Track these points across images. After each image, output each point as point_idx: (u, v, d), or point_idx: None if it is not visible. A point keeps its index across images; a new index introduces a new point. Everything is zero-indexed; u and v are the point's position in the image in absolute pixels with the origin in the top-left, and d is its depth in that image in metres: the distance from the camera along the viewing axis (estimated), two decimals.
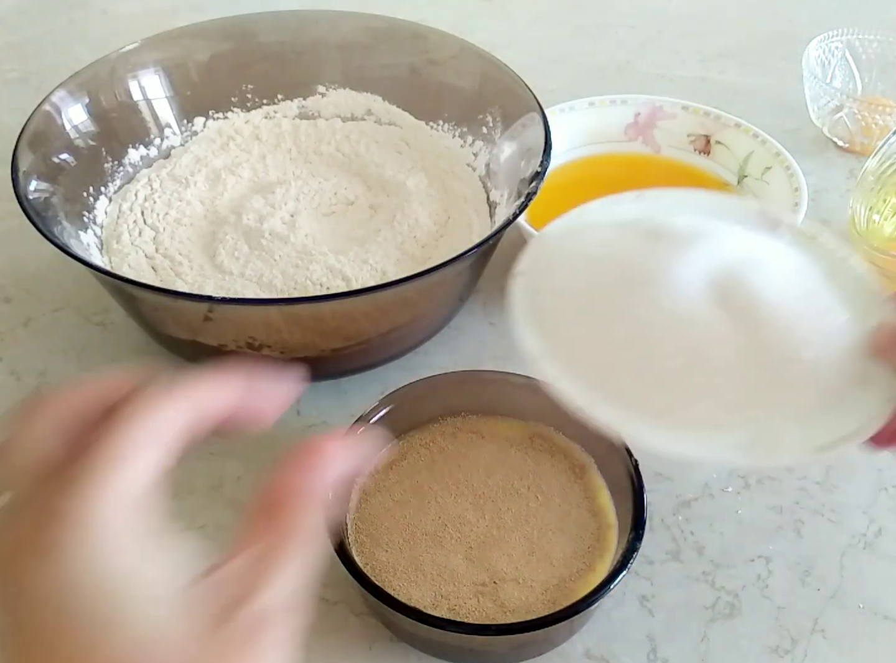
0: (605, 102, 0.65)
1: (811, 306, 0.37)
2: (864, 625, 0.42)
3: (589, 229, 0.40)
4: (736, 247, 0.38)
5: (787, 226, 0.41)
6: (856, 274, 0.39)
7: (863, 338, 0.36)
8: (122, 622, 0.23)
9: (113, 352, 0.54)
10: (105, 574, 0.23)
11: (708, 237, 0.37)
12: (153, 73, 0.60)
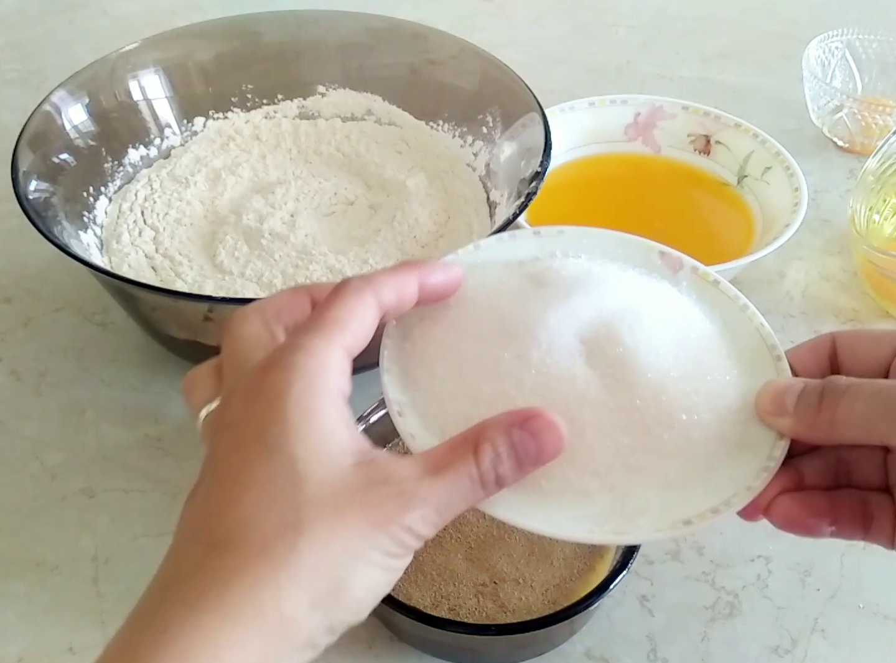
0: (605, 102, 0.65)
1: (695, 363, 0.35)
2: (864, 625, 0.42)
3: (477, 268, 0.37)
4: (622, 295, 0.36)
5: (687, 270, 0.39)
6: (753, 326, 0.38)
7: (749, 398, 0.34)
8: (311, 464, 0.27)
9: (113, 352, 0.54)
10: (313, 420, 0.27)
11: (594, 284, 0.36)
12: (153, 73, 0.60)
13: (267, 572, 0.25)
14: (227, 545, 0.26)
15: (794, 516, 0.33)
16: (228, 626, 0.25)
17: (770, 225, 0.58)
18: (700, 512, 0.32)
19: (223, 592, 0.25)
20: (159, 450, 0.49)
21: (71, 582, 0.43)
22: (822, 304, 0.58)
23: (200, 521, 0.27)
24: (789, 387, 0.33)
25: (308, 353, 0.28)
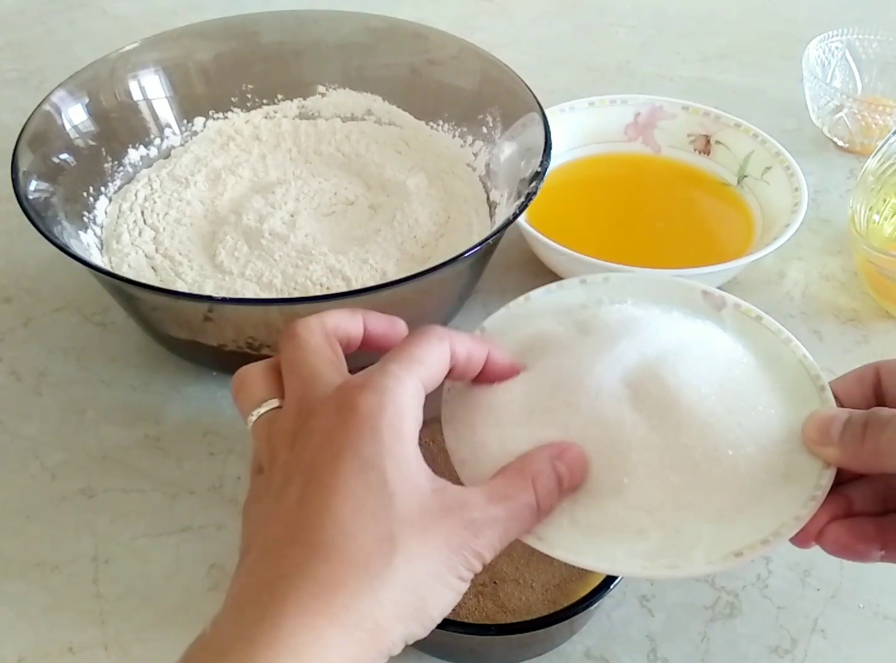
0: (605, 102, 0.65)
1: (739, 399, 0.36)
2: (864, 625, 0.42)
3: (529, 319, 0.40)
4: (665, 338, 0.37)
5: (730, 308, 0.41)
6: (796, 358, 0.39)
7: (795, 429, 0.35)
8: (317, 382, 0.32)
9: (113, 352, 0.54)
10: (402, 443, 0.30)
11: (638, 329, 0.37)
12: (153, 73, 0.60)
13: (366, 583, 0.28)
14: (329, 552, 0.28)
15: (845, 543, 0.34)
16: (336, 630, 0.27)
17: (770, 225, 0.58)
18: (750, 544, 0.33)
19: (331, 598, 0.27)
20: (159, 450, 0.49)
21: (71, 582, 0.43)
22: (822, 304, 0.58)
23: (300, 525, 0.29)
24: (834, 417, 0.34)
25: (399, 382, 0.31)
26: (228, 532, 0.45)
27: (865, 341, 0.56)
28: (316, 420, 0.31)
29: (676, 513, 0.33)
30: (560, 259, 0.55)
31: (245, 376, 0.35)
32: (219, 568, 0.44)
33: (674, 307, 0.40)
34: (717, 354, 0.38)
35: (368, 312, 0.37)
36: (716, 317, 0.41)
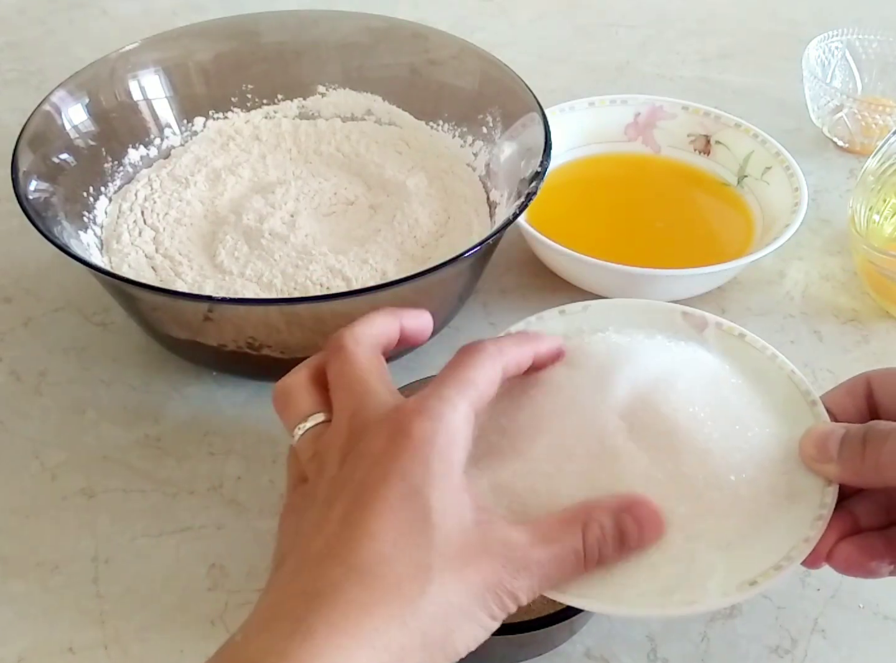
0: (605, 102, 0.65)
1: (734, 421, 0.35)
2: (864, 625, 0.42)
3: None
4: (653, 365, 0.37)
5: (712, 328, 0.41)
6: (784, 374, 0.38)
7: (792, 447, 0.35)
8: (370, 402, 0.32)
9: (113, 352, 0.54)
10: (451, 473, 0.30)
11: (624, 359, 0.37)
12: (153, 73, 0.60)
13: (397, 610, 0.28)
14: (365, 575, 0.28)
15: (856, 560, 0.33)
16: (363, 652, 0.27)
17: (770, 225, 0.58)
18: (764, 571, 0.32)
19: (361, 620, 0.27)
20: (159, 450, 0.49)
21: (71, 582, 0.43)
22: (822, 304, 0.58)
23: (340, 543, 0.29)
24: (831, 432, 0.34)
25: (454, 408, 0.31)
26: (228, 532, 0.45)
27: (865, 341, 0.56)
28: (369, 441, 0.31)
29: (687, 545, 0.33)
30: (560, 259, 0.55)
31: (289, 389, 0.35)
32: (219, 568, 0.44)
33: (656, 331, 0.40)
34: (706, 377, 0.37)
35: (403, 311, 0.37)
36: (699, 338, 0.40)
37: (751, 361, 0.39)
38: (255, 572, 0.43)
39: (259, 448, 0.49)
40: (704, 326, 0.41)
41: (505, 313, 0.57)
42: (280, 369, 0.49)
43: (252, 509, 0.46)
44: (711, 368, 0.38)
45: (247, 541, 0.45)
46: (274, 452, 0.49)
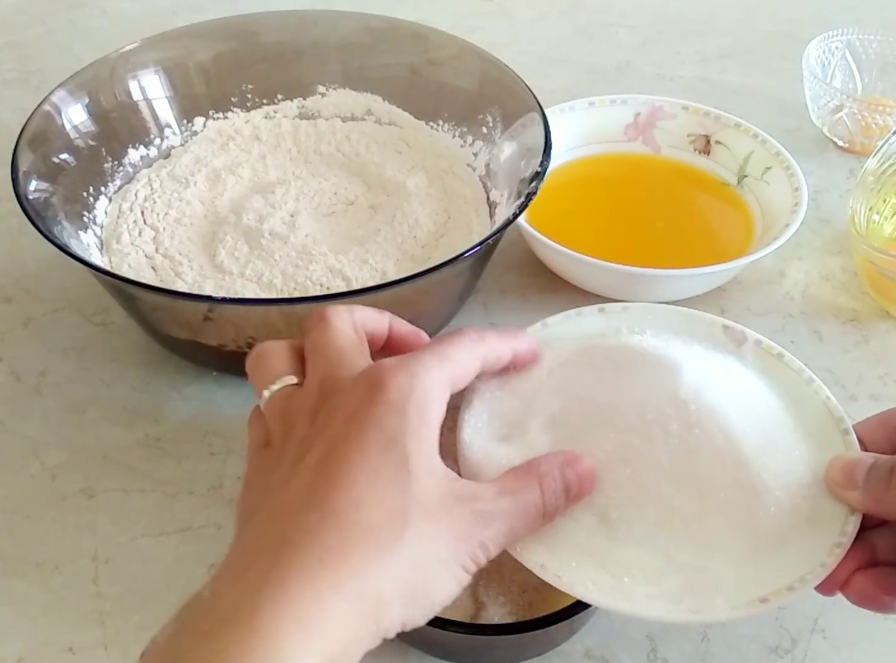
0: (605, 102, 0.65)
1: (764, 440, 0.35)
2: (864, 625, 0.42)
3: (548, 345, 0.39)
4: (690, 375, 0.36)
5: (751, 344, 0.40)
6: (819, 399, 0.38)
7: (819, 472, 0.35)
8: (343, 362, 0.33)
9: (113, 352, 0.54)
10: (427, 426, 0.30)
11: (662, 365, 0.36)
12: (153, 73, 0.60)
13: (374, 554, 0.28)
14: (340, 520, 0.28)
15: (870, 594, 0.33)
16: (339, 598, 0.27)
17: (770, 225, 0.58)
18: (776, 590, 0.32)
19: (338, 565, 0.27)
20: (159, 450, 0.49)
21: (71, 582, 0.43)
22: (822, 304, 0.58)
23: (313, 491, 0.29)
24: (859, 461, 0.34)
25: (429, 371, 0.31)
26: (228, 532, 0.45)
27: (865, 341, 0.56)
28: (342, 396, 0.31)
29: (699, 554, 0.33)
30: (560, 259, 0.55)
31: (264, 351, 0.35)
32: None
33: (694, 340, 0.40)
34: (743, 392, 0.37)
35: (395, 317, 0.37)
36: (737, 352, 0.40)
37: (786, 382, 0.39)
38: None
39: None
40: (743, 341, 0.40)
41: (505, 313, 0.57)
42: None
43: None
44: (747, 384, 0.38)
45: None
46: None
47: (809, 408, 0.38)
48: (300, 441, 0.31)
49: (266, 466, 0.32)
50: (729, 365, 0.39)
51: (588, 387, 0.37)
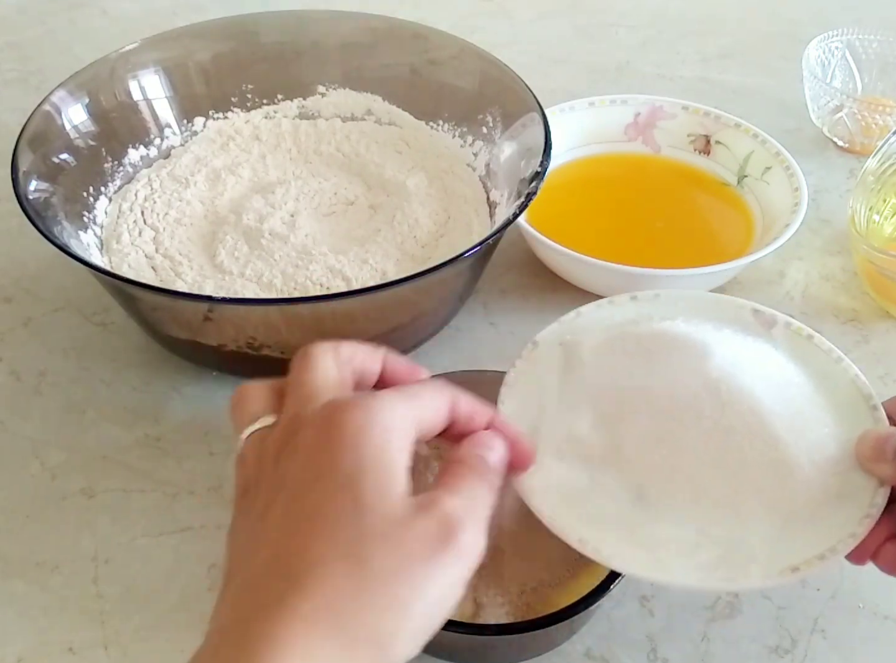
0: (605, 102, 0.65)
1: (795, 418, 0.36)
2: (864, 625, 0.42)
3: (584, 335, 0.40)
4: (723, 356, 0.37)
5: (781, 327, 0.41)
6: (848, 378, 0.39)
7: (849, 448, 0.36)
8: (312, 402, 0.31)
9: (113, 352, 0.54)
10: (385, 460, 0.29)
11: (694, 348, 0.38)
12: (153, 73, 0.60)
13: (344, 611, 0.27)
14: (305, 584, 0.27)
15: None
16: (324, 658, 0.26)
17: (770, 225, 0.58)
18: (807, 559, 0.33)
19: (306, 632, 0.26)
20: (159, 449, 0.49)
21: (71, 582, 0.43)
22: (822, 304, 0.58)
23: (281, 552, 0.28)
24: (889, 435, 0.35)
25: (390, 405, 0.30)
26: None
27: (865, 341, 0.56)
28: (301, 435, 0.30)
29: (733, 527, 0.34)
30: (560, 259, 0.55)
31: (244, 392, 0.34)
32: (219, 568, 0.44)
33: (724, 325, 0.40)
34: (773, 373, 0.38)
35: (390, 354, 0.35)
36: (766, 335, 0.41)
37: (816, 362, 0.40)
38: None
39: None
40: (773, 324, 0.41)
41: (505, 313, 0.57)
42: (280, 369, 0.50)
43: None
44: (778, 365, 0.39)
45: None
46: None
47: (839, 387, 0.39)
48: (267, 488, 0.31)
49: (242, 515, 0.32)
50: (759, 347, 0.40)
51: (622, 373, 0.38)
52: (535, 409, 0.38)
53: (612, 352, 0.38)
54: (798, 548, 0.33)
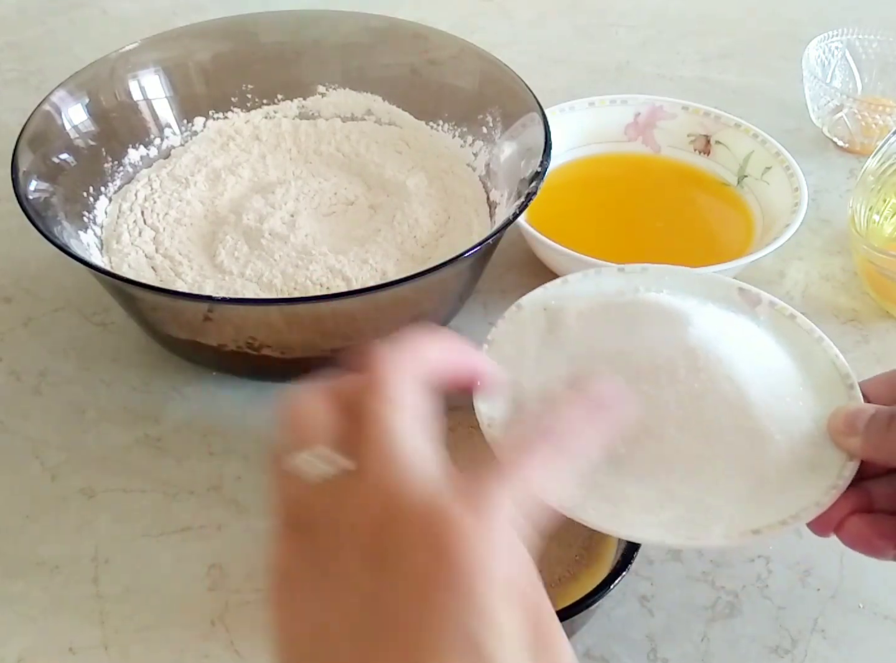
0: (605, 102, 0.65)
1: (771, 390, 0.37)
2: (864, 625, 0.42)
3: (568, 301, 0.41)
4: (704, 326, 0.38)
5: (765, 305, 0.42)
6: (828, 357, 0.40)
7: (823, 424, 0.37)
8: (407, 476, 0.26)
9: (113, 352, 0.54)
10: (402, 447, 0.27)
11: (677, 316, 0.38)
12: (153, 73, 0.60)
13: None
14: None
15: (864, 536, 0.34)
16: None
17: (770, 225, 0.58)
18: (769, 524, 0.33)
19: None
20: (159, 450, 0.49)
21: (71, 582, 0.43)
22: (822, 304, 0.58)
23: None
24: (861, 410, 0.35)
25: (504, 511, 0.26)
26: (228, 532, 0.45)
27: (865, 341, 0.56)
28: (404, 550, 0.25)
29: (701, 489, 0.34)
30: (560, 259, 0.55)
31: (304, 410, 0.29)
32: (218, 568, 0.44)
33: (709, 300, 0.41)
34: (752, 345, 0.39)
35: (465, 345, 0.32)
36: (751, 313, 0.42)
37: (798, 341, 0.40)
38: (255, 572, 0.43)
39: (259, 448, 0.49)
40: (758, 303, 0.42)
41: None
42: (280, 369, 0.50)
43: (252, 509, 0.46)
44: (758, 341, 0.40)
45: (247, 541, 0.45)
46: None
47: (818, 365, 0.39)
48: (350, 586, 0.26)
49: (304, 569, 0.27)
50: (741, 322, 0.41)
51: (601, 338, 0.38)
52: (514, 368, 0.38)
53: (594, 318, 0.39)
54: (763, 514, 0.34)
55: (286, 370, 0.50)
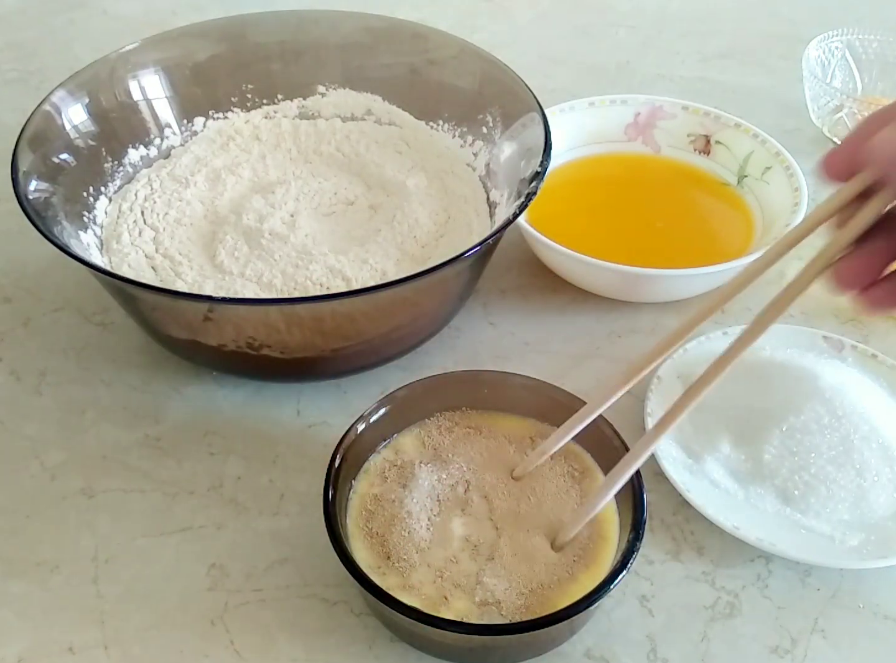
0: (605, 102, 0.65)
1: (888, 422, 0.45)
2: (864, 625, 0.42)
3: (695, 368, 0.47)
4: (829, 377, 0.46)
5: (848, 349, 0.51)
6: None
7: None
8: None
9: (113, 352, 0.54)
10: None
11: (804, 370, 0.47)
12: (153, 73, 0.60)
13: None
14: None
15: None
16: None
17: (770, 225, 0.58)
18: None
19: None
20: (159, 449, 0.49)
21: (71, 582, 0.43)
22: (823, 304, 0.58)
23: None
24: None
25: None
26: (228, 532, 0.45)
27: (865, 341, 0.56)
28: None
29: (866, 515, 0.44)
30: (560, 259, 0.55)
31: None
32: (218, 568, 0.44)
33: (805, 350, 0.50)
34: (858, 385, 0.47)
35: None
36: (839, 357, 0.51)
37: (885, 376, 0.50)
38: (255, 572, 0.43)
39: (259, 448, 0.49)
40: (842, 348, 0.51)
41: (505, 313, 0.57)
42: (280, 369, 0.50)
43: (252, 509, 0.46)
44: (857, 380, 0.48)
45: (247, 541, 0.45)
46: (274, 452, 0.49)
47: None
48: None
49: None
50: (837, 365, 0.49)
51: (742, 397, 0.47)
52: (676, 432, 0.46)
53: (727, 380, 0.39)
54: None
55: (286, 370, 0.50)
